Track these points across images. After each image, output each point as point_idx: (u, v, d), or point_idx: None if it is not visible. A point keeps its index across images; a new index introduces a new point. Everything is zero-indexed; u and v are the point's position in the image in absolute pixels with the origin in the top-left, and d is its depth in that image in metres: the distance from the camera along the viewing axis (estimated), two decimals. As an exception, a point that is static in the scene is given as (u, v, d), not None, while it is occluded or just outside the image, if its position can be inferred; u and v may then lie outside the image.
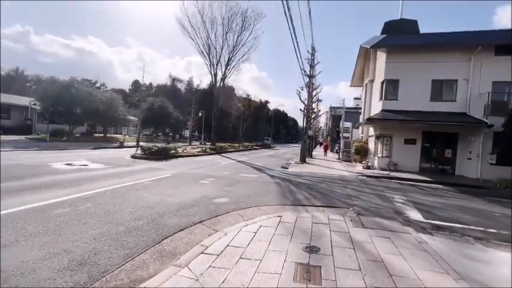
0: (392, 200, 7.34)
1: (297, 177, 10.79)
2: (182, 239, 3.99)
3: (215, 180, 8.86)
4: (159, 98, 39.03)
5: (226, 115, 49.53)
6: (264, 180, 9.58)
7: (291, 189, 8.04)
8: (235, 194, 6.97)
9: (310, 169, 14.25)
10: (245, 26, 24.71)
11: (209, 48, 23.48)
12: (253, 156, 22.22)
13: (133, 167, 10.58)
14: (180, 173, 9.94)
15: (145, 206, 5.33)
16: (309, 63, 17.43)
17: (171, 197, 6.21)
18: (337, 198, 7.23)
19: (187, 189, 7.10)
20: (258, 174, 11.16)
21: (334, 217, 5.25)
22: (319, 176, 11.83)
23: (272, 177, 10.55)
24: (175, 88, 69.10)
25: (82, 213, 4.67)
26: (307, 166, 15.68)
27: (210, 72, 24.08)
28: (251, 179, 9.67)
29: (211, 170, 11.27)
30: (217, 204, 5.85)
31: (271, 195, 7.05)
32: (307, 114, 17.58)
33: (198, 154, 18.40)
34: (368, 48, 16.14)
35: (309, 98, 17.55)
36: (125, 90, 69.49)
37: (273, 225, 4.66)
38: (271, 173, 11.69)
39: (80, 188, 6.37)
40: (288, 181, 9.66)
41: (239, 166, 13.78)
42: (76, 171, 8.69)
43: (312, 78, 17.56)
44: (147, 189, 6.81)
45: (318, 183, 9.53)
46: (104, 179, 7.64)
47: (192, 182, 8.16)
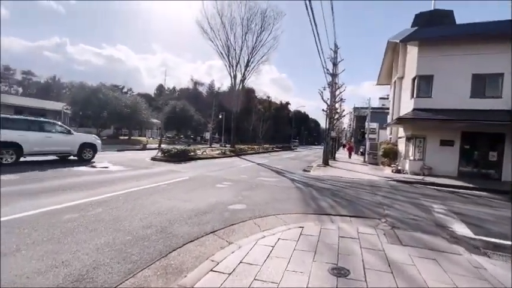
0: (432, 210, 6.44)
1: (319, 182, 10.08)
2: (191, 252, 3.58)
3: (232, 184, 8.46)
4: (180, 101, 39.86)
5: (246, 117, 49.50)
6: (284, 184, 9.01)
7: (313, 195, 7.40)
8: (252, 199, 6.50)
9: (334, 172, 13.40)
10: (264, 26, 24.35)
11: (228, 50, 23.44)
12: (273, 158, 21.66)
13: (152, 170, 10.51)
14: (197, 175, 9.68)
15: (157, 212, 5.02)
16: (331, 61, 16.59)
17: (185, 202, 5.87)
18: (366, 206, 6.48)
19: (203, 194, 6.74)
20: (277, 177, 10.61)
21: (364, 230, 4.58)
22: (344, 180, 11.00)
23: (293, 181, 9.95)
24: (197, 91, 70.50)
25: (91, 219, 4.45)
26: (330, 169, 14.83)
27: (230, 74, 24.02)
28: (270, 183, 9.15)
29: (230, 173, 10.91)
30: (232, 212, 5.41)
31: (291, 202, 6.49)
32: (330, 114, 16.72)
33: (218, 156, 18.22)
34: (397, 42, 14.99)
35: (332, 98, 16.67)
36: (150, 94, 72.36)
37: (294, 238, 4.12)
38: (292, 177, 11.08)
39: (95, 192, 6.25)
40: (310, 186, 9.00)
41: (258, 169, 13.31)
42: (96, 174, 8.73)
43: (334, 76, 16.69)
44: (161, 193, 6.56)
45: (343, 189, 8.77)
46: (121, 182, 7.53)
47: (208, 186, 7.81)
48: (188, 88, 72.52)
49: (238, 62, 23.80)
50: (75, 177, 7.91)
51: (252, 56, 23.99)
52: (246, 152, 23.85)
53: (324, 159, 16.93)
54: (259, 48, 24.38)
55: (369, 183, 10.50)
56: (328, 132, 17.03)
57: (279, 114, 77.26)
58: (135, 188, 6.84)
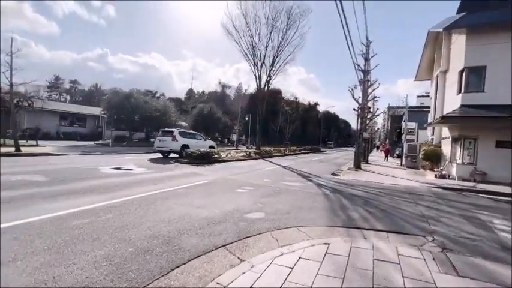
0: (492, 227, 5.28)
1: (349, 188, 9.14)
2: (196, 271, 3.11)
3: (253, 189, 7.93)
4: (208, 104, 40.53)
5: (273, 118, 48.86)
6: (310, 190, 8.26)
7: (342, 204, 6.58)
8: (272, 207, 5.90)
9: (367, 177, 12.23)
10: (290, 24, 23.56)
11: (253, 51, 23.08)
12: (300, 161, 20.77)
13: (174, 172, 10.41)
14: (218, 179, 9.33)
15: (167, 220, 4.66)
16: (363, 56, 15.36)
17: (199, 208, 5.48)
18: (407, 219, 5.52)
19: (220, 200, 6.31)
20: (303, 182, 9.86)
21: (406, 251, 3.74)
22: (379, 186, 9.89)
23: (319, 186, 9.14)
24: (225, 94, 71.65)
25: (98, 226, 4.21)
26: (362, 173, 13.63)
27: (255, 74, 23.62)
28: (295, 188, 8.46)
29: (252, 177, 10.41)
30: (249, 221, 4.87)
31: (316, 212, 5.76)
32: (361, 114, 15.45)
33: (242, 159, 17.87)
34: (440, 32, 13.36)
35: (364, 96, 15.40)
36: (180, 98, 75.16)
37: (317, 257, 3.46)
38: (319, 182, 10.25)
39: (112, 195, 6.14)
40: (339, 192, 8.14)
41: (283, 172, 12.64)
42: (119, 176, 8.79)
43: (366, 73, 15.41)
44: (177, 198, 6.25)
45: (377, 196, 7.77)
46: (139, 185, 7.42)
47: (227, 191, 7.38)
48: (216, 91, 74.06)
49: (263, 63, 23.34)
50: (97, 179, 7.99)
51: (277, 56, 23.37)
52: (272, 154, 23.22)
53: (356, 162, 15.69)
54: (284, 47, 23.69)
55: (408, 190, 9.28)
56: (360, 133, 15.76)
57: (307, 115, 75.35)
58: (152, 192, 6.64)
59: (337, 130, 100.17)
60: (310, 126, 76.16)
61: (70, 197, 5.72)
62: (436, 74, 16.02)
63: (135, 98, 25.65)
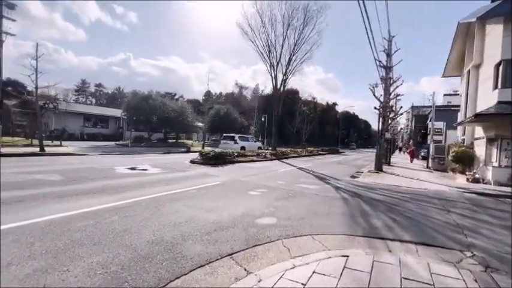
0: (544, 241, 4.53)
1: (370, 191, 8.50)
2: (197, 283, 2.80)
3: (266, 191, 7.56)
4: (225, 105, 40.66)
5: (289, 119, 48.21)
6: (327, 194, 7.74)
7: (362, 210, 6.02)
8: (286, 212, 5.49)
9: (389, 180, 11.44)
10: (307, 21, 22.89)
11: (269, 50, 22.69)
12: (317, 162, 20.08)
13: (187, 173, 10.28)
14: (230, 180, 9.05)
15: (173, 224, 4.42)
16: (385, 52, 14.49)
17: (207, 212, 5.20)
18: (438, 229, 4.89)
19: (231, 202, 6.00)
20: (320, 185, 9.33)
21: (441, 268, 3.21)
22: (403, 190, 9.14)
23: (337, 189, 8.58)
24: (241, 95, 71.82)
25: (102, 228, 4.04)
26: (384, 176, 12.80)
27: (270, 74, 23.18)
28: (311, 191, 7.98)
29: (266, 178, 10.04)
30: (259, 227, 4.51)
31: (334, 217, 5.28)
32: (383, 113, 14.56)
33: (257, 160, 17.54)
34: (471, 23, 12.26)
35: (386, 94, 14.50)
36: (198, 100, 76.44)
37: (334, 272, 3.03)
38: (337, 184, 9.66)
39: (122, 196, 6.03)
40: (359, 196, 7.55)
41: (299, 174, 12.15)
42: (132, 176, 8.77)
43: (389, 69, 14.52)
44: (186, 200, 6.03)
45: (402, 202, 7.11)
46: (152, 186, 7.30)
47: (239, 193, 7.07)
48: (233, 92, 74.46)
49: (279, 61, 22.81)
50: (110, 179, 7.98)
51: (293, 54, 22.77)
52: (288, 155, 22.70)
53: (377, 164, 14.81)
54: (301, 45, 23.06)
55: (436, 195, 8.47)
56: (382, 133, 14.86)
57: (325, 116, 73.68)
58: (162, 193, 6.47)
59: (356, 131, 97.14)
60: (328, 126, 74.44)
61: (80, 198, 5.67)
62: (467, 69, 14.77)
63: (153, 99, 26.20)
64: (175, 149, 23.77)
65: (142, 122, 26.10)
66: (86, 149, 18.72)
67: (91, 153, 16.30)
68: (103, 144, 24.90)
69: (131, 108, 25.33)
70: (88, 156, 14.61)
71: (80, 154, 15.18)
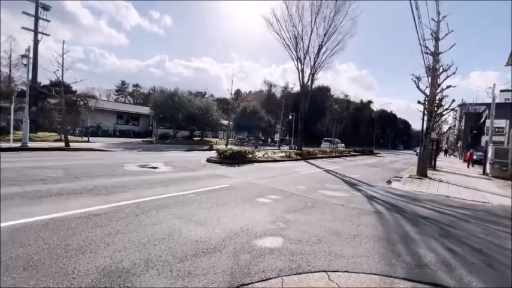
0: None
1: (414, 204, 6.76)
2: None
3: (280, 198, 6.30)
4: (251, 103, 39.86)
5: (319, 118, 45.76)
6: (356, 205, 6.23)
7: (404, 232, 4.47)
8: (297, 230, 4.20)
9: (437, 189, 9.40)
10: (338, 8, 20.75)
11: (296, 41, 21.06)
12: (348, 164, 18.13)
13: (198, 172, 9.41)
14: (241, 183, 7.94)
15: (145, 242, 3.41)
16: (433, 35, 12.20)
17: (196, 225, 4.13)
18: (528, 273, 3.23)
19: (230, 213, 4.88)
20: (347, 192, 7.79)
21: None
22: (458, 204, 7.20)
23: (370, 199, 6.98)
24: (270, 93, 70.48)
25: (53, 244, 3.16)
26: (430, 183, 10.68)
27: (297, 68, 21.49)
28: (335, 200, 6.53)
29: (284, 182, 8.75)
30: (256, 253, 3.31)
31: (362, 243, 3.86)
32: (429, 108, 12.28)
33: (280, 159, 16.23)
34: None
35: (433, 86, 12.21)
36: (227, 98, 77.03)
37: None
38: (370, 192, 8.02)
39: (108, 198, 5.25)
40: (399, 211, 5.93)
41: (325, 177, 10.62)
42: (136, 175, 8.11)
43: (437, 56, 12.21)
44: (178, 207, 5.03)
45: (459, 222, 5.35)
46: (149, 187, 6.49)
47: (246, 200, 5.91)
48: (261, 91, 73.50)
49: (307, 52, 20.97)
50: (113, 177, 7.37)
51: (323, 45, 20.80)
52: (316, 156, 20.98)
53: (420, 169, 12.59)
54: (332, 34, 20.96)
55: (507, 212, 6.45)
56: (428, 132, 12.56)
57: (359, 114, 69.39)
58: (155, 197, 5.58)
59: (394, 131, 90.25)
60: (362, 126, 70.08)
61: (60, 199, 4.97)
62: (543, 53, 11.83)
63: (179, 97, 26.22)
64: (199, 147, 23.44)
65: (168, 119, 26.27)
66: (112, 145, 19.07)
67: (114, 149, 16.42)
68: (131, 140, 25.54)
69: (157, 105, 25.61)
70: (109, 152, 14.62)
71: (102, 150, 15.30)
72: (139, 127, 36.61)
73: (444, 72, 12.00)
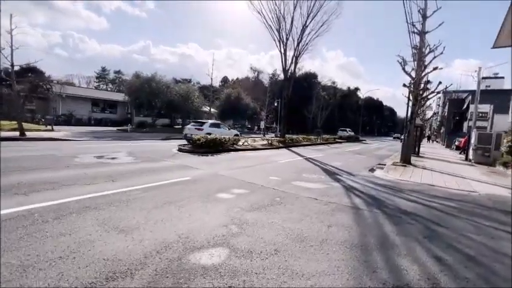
0: None
1: (396, 195, 6.08)
2: None
3: (245, 193, 5.43)
4: (235, 90, 38.43)
5: (306, 105, 45.05)
6: (331, 199, 5.45)
7: (383, 235, 3.70)
8: (251, 236, 3.34)
9: (421, 177, 8.83)
10: (322, -14, 19.33)
11: (278, 21, 19.74)
12: (332, 152, 17.52)
13: (160, 164, 8.39)
14: (207, 175, 7.01)
15: (28, 265, 2.44)
16: (420, 12, 11.36)
17: (120, 233, 3.19)
18: (535, 291, 2.51)
19: (175, 214, 3.96)
20: (325, 183, 7.03)
21: None
22: (443, 194, 6.59)
23: (349, 191, 6.24)
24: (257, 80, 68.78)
25: None
26: (413, 171, 10.15)
27: (280, 50, 20.24)
28: (309, 194, 5.74)
29: (258, 173, 7.90)
30: (184, 274, 2.42)
31: (331, 251, 3.04)
32: (415, 91, 11.61)
33: (261, 148, 15.37)
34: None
35: (419, 67, 11.48)
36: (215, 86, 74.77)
37: None
38: (350, 182, 7.30)
39: (30, 199, 4.21)
40: (379, 205, 5.20)
41: (304, 167, 9.86)
42: (85, 167, 7.01)
43: (424, 35, 11.43)
44: (109, 208, 4.06)
45: (446, 217, 4.67)
46: (89, 182, 5.45)
47: (203, 196, 5.00)
48: (248, 77, 71.60)
49: (289, 33, 19.56)
50: (52, 170, 6.26)
51: (307, 25, 19.57)
52: (299, 143, 20.27)
53: (404, 156, 12.06)
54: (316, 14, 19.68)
55: (496, 203, 5.87)
56: (412, 117, 11.95)
57: (346, 102, 69.12)
58: (88, 195, 4.56)
59: (380, 118, 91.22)
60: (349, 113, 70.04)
61: (-44, 201, 3.88)
62: (532, 33, 11.26)
63: (156, 82, 24.53)
64: (179, 135, 22.17)
65: (145, 106, 24.65)
66: (79, 134, 17.57)
67: (79, 138, 15.01)
68: (104, 129, 23.89)
69: (133, 91, 23.90)
70: (70, 142, 13.27)
71: (64, 139, 13.90)
72: (117, 115, 34.62)
73: (431, 53, 11.27)
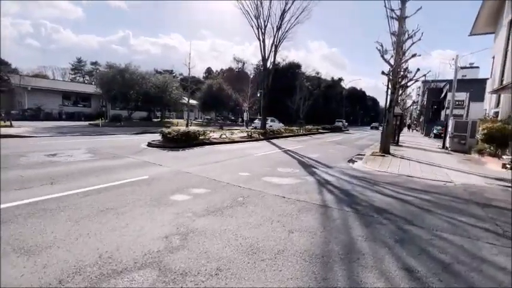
0: None
1: (371, 189, 5.70)
2: None
3: (205, 193, 4.84)
4: (216, 80, 37.27)
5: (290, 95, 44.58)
6: (301, 196, 4.98)
7: (349, 241, 3.25)
8: (194, 250, 2.77)
9: (399, 167, 8.59)
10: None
11: (256, 8, 18.80)
12: (313, 142, 17.20)
13: (121, 161, 7.61)
14: (169, 173, 6.34)
15: None
16: (399, -4, 10.93)
17: (22, 256, 2.52)
18: None
19: (108, 225, 3.31)
20: (298, 178, 6.56)
21: None
22: (420, 186, 6.29)
23: (322, 186, 5.80)
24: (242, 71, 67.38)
25: None
26: (392, 161, 9.93)
27: (258, 38, 19.35)
28: (277, 191, 5.23)
29: (227, 168, 7.31)
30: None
31: (283, 271, 2.54)
32: (393, 79, 11.31)
33: (239, 140, 14.75)
34: None
35: (398, 54, 11.15)
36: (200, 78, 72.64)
37: None
38: (325, 176, 6.88)
39: None
40: (351, 202, 4.78)
41: (280, 159, 9.37)
42: (28, 167, 6.14)
43: (403, 20, 11.06)
44: (26, 220, 3.35)
45: (421, 214, 4.31)
46: (20, 187, 4.66)
47: (153, 199, 4.37)
48: (232, 68, 70.01)
49: (268, 18, 18.64)
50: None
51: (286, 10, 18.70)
52: (281, 135, 19.81)
53: (383, 145, 11.86)
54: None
55: (472, 194, 5.63)
56: (391, 105, 11.71)
57: (330, 92, 69.32)
58: (8, 204, 3.81)
59: (363, 108, 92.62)
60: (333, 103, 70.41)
61: None
62: (508, 19, 11.19)
63: (130, 73, 23.07)
64: (155, 129, 21.06)
65: (119, 98, 23.21)
66: (43, 129, 16.17)
67: (42, 134, 13.74)
68: (74, 124, 22.34)
69: (104, 82, 22.37)
70: (27, 139, 12.06)
71: (24, 136, 12.64)
72: (92, 109, 32.65)
73: (410, 39, 10.94)
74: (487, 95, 13.79)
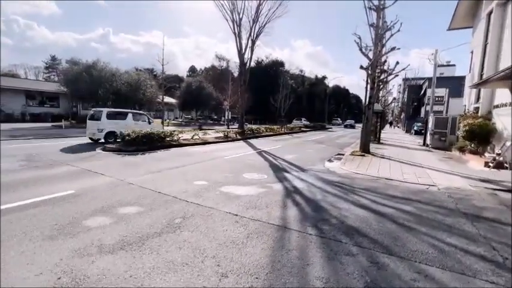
0: None
1: (345, 199, 4.88)
2: None
3: (134, 213, 3.81)
4: (196, 78, 35.87)
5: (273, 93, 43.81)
6: (258, 212, 4.06)
7: (314, 274, 2.36)
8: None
9: (378, 169, 7.89)
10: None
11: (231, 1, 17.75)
12: (292, 142, 16.43)
13: (58, 169, 6.40)
14: (105, 184, 5.24)
15: None
16: (377, -15, 10.27)
17: None
18: None
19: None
20: (264, 185, 5.65)
21: None
22: (400, 191, 5.55)
23: (288, 197, 4.91)
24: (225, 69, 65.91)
25: None
26: (371, 161, 9.26)
27: (234, 32, 18.35)
28: (234, 204, 4.29)
29: (183, 176, 6.29)
30: None
31: None
32: (372, 73, 10.66)
33: (213, 141, 13.71)
34: None
35: (376, 46, 10.51)
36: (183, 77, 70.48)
37: None
38: (296, 183, 6.01)
39: None
40: (318, 219, 3.91)
41: (251, 163, 8.44)
42: None
43: (381, 11, 10.42)
44: None
45: (402, 234, 3.51)
46: None
47: (55, 228, 3.31)
48: (214, 66, 68.38)
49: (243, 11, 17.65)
50: None
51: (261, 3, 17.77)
52: (260, 134, 18.94)
53: (363, 144, 11.22)
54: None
55: (459, 201, 4.93)
56: (370, 102, 11.06)
57: (314, 90, 69.35)
58: None
59: (347, 106, 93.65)
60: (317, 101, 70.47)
61: None
62: (487, 11, 10.81)
63: (98, 70, 21.36)
64: (126, 130, 19.62)
65: (86, 97, 21.45)
66: (-8, 132, 14.39)
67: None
68: (34, 126, 20.40)
69: (69, 80, 20.56)
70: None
71: (-41, 141, 10.97)
72: (61, 109, 30.36)
73: (388, 31, 10.31)
74: (467, 90, 13.53)
